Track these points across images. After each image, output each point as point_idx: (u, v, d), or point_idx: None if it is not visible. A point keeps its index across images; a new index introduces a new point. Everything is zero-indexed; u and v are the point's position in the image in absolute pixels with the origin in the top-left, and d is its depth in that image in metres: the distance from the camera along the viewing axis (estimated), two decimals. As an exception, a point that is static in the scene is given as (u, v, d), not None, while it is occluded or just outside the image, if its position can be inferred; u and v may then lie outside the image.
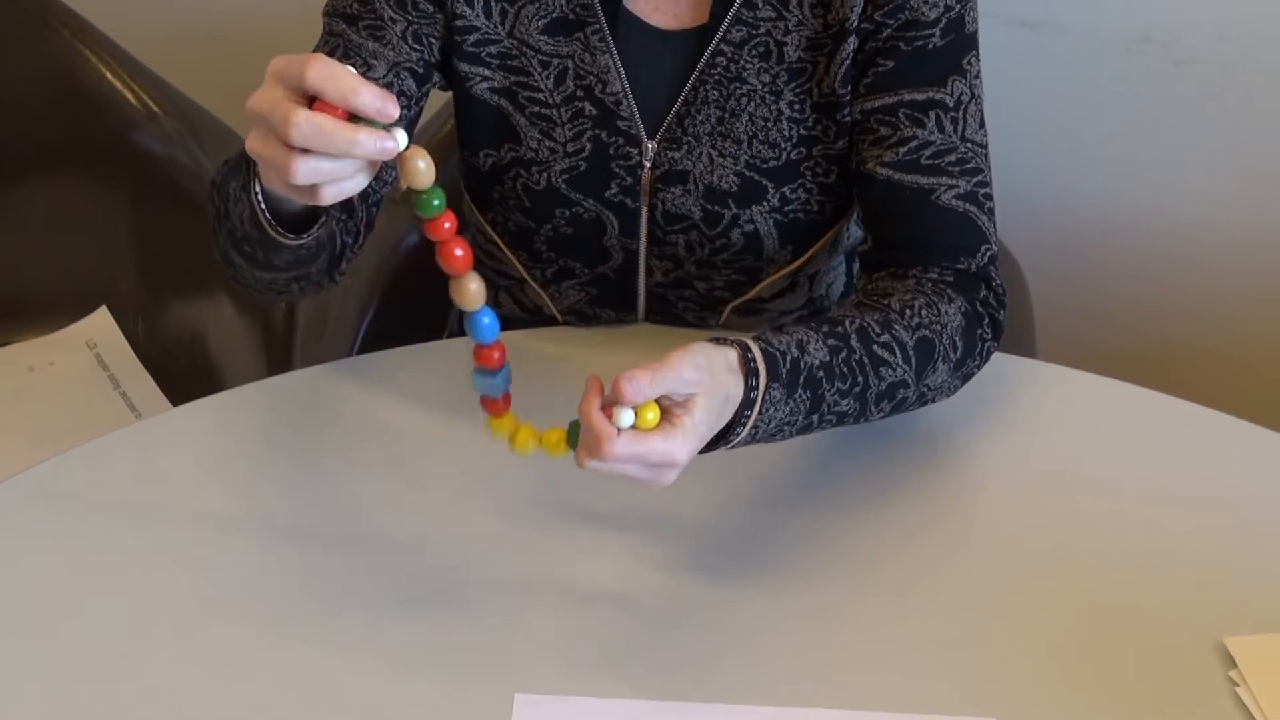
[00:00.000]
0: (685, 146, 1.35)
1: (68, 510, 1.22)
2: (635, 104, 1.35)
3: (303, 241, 1.17)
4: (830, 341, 1.20)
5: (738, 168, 1.35)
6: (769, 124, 1.34)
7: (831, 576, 1.18)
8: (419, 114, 1.37)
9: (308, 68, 0.97)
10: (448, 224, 1.04)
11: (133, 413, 1.81)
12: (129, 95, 1.85)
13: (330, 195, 1.02)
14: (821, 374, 1.18)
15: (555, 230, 1.40)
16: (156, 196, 1.85)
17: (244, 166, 1.17)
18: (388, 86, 1.30)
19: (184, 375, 1.83)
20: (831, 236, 1.42)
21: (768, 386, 1.14)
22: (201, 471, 1.26)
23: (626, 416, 1.05)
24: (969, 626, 1.15)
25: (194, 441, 1.30)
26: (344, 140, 0.98)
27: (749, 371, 1.13)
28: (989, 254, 1.31)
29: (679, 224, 1.38)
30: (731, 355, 1.13)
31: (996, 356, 1.37)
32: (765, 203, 1.36)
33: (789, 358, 1.16)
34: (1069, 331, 2.11)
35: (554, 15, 1.34)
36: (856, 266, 1.54)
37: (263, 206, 1.15)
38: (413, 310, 1.65)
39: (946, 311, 1.26)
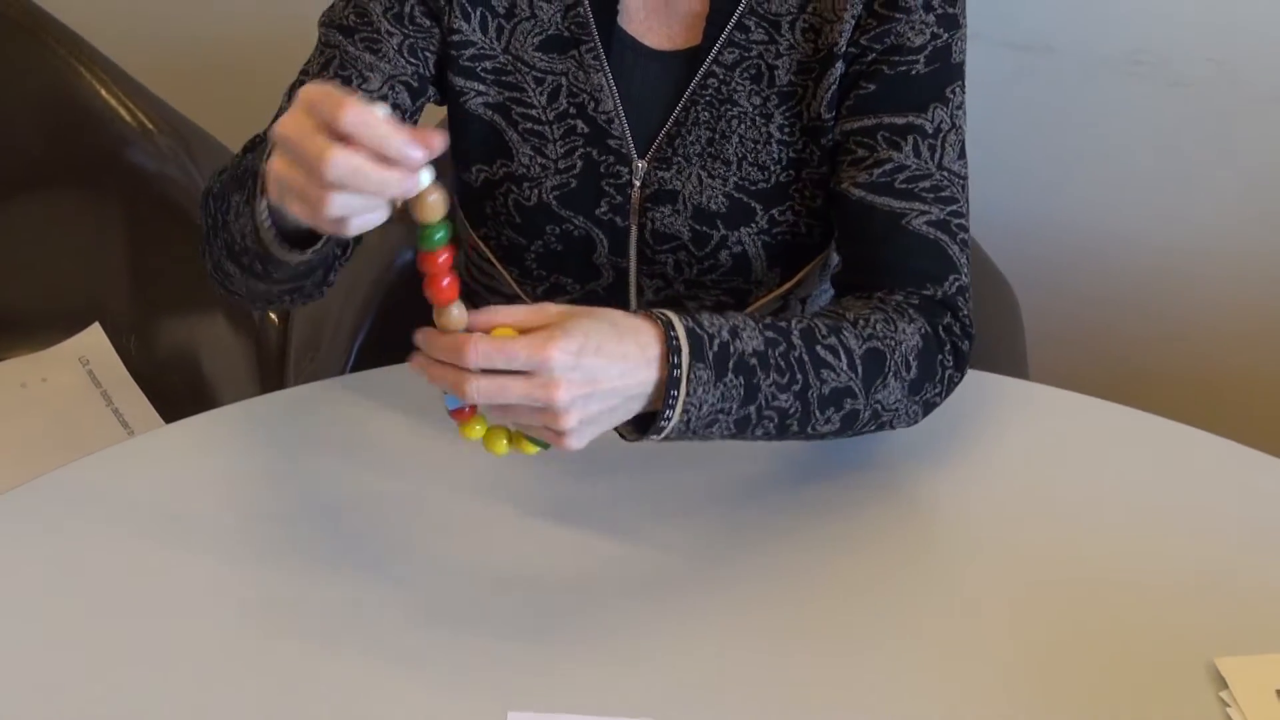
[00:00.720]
0: (675, 166, 1.36)
1: (60, 527, 1.22)
2: (627, 123, 1.35)
3: (305, 258, 1.19)
4: (768, 334, 1.18)
5: (726, 189, 1.36)
6: (759, 146, 1.35)
7: (828, 598, 1.18)
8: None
9: (343, 112, 0.98)
10: (443, 257, 1.05)
11: (125, 430, 1.80)
12: (123, 111, 1.85)
13: (357, 227, 1.04)
14: (755, 362, 1.16)
15: (546, 247, 1.40)
16: (150, 213, 1.85)
17: (249, 180, 1.18)
18: (383, 99, 1.32)
19: (177, 392, 1.83)
20: (821, 260, 1.42)
21: (692, 365, 1.12)
22: (194, 488, 1.27)
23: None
24: (957, 648, 1.14)
25: (187, 458, 1.30)
26: (378, 181, 0.99)
27: (670, 348, 1.12)
28: (957, 284, 1.30)
29: (668, 244, 1.38)
30: (635, 316, 1.12)
31: (987, 377, 1.37)
32: (754, 224, 1.37)
33: (717, 340, 1.14)
34: (1061, 353, 2.11)
35: (549, 33, 1.35)
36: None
37: (269, 223, 1.17)
38: (407, 328, 1.62)
39: (904, 329, 1.24)
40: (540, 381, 1.06)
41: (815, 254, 1.41)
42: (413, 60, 1.34)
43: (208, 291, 1.77)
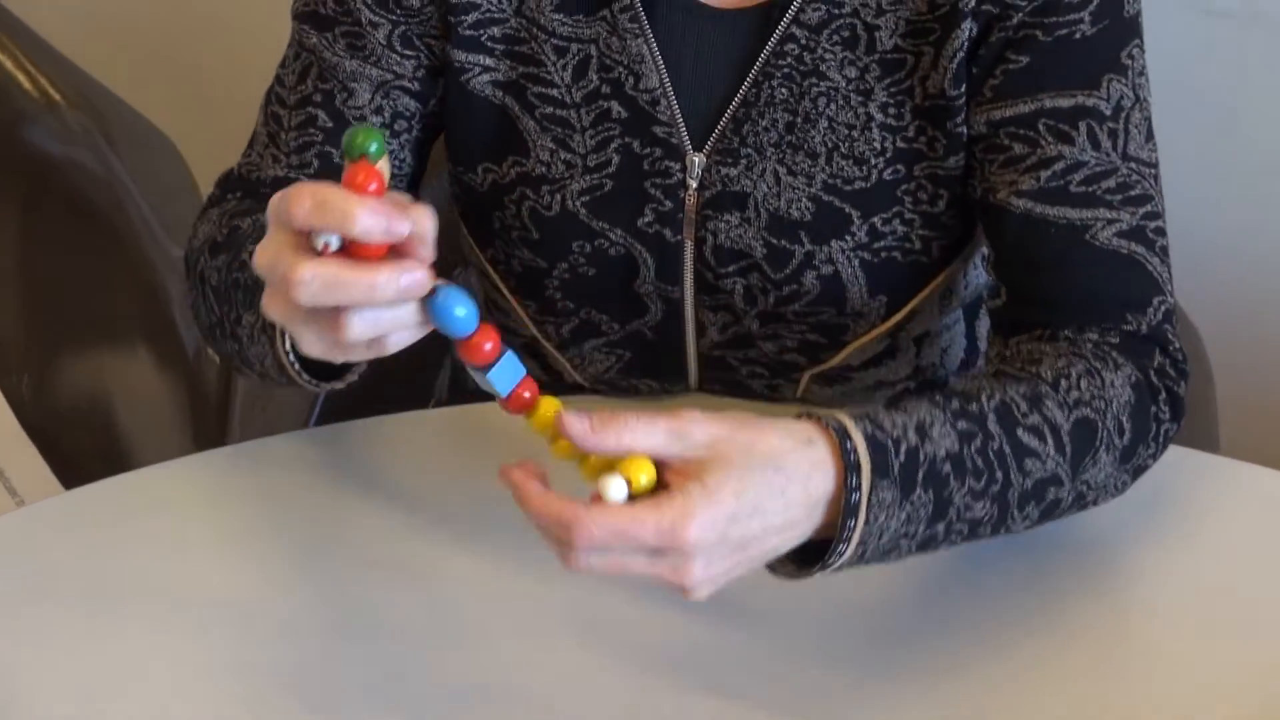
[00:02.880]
0: (744, 161, 1.36)
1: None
2: (678, 104, 1.36)
3: (342, 386, 1.22)
4: (961, 424, 1.18)
5: (813, 190, 1.36)
6: (855, 133, 1.35)
7: (993, 697, 1.19)
8: (433, 133, 1.42)
9: (292, 204, 1.00)
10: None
11: (13, 498, 1.82)
12: (22, 78, 1.86)
13: (395, 344, 1.06)
14: (948, 469, 1.16)
15: (572, 271, 1.41)
16: (52, 211, 1.86)
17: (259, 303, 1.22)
18: (376, 112, 1.37)
19: (82, 450, 1.84)
20: (942, 283, 1.43)
21: (874, 486, 1.11)
22: (100, 573, 1.27)
23: (617, 487, 1.05)
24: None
25: (91, 535, 1.30)
26: (363, 288, 1.00)
27: (847, 465, 1.11)
28: (1164, 308, 1.31)
29: (735, 263, 1.38)
30: (799, 429, 1.11)
31: (1170, 450, 1.35)
32: (849, 237, 1.37)
33: (904, 446, 1.14)
34: (1263, 419, 2.10)
35: (573, -13, 1.36)
36: (983, 326, 1.55)
37: (294, 361, 1.20)
38: (389, 370, 1.63)
39: (1112, 382, 1.25)
40: (671, 564, 1.06)
41: (931, 276, 1.41)
42: (408, 53, 1.38)
43: (125, 317, 1.81)
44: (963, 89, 1.33)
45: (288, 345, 1.19)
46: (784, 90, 1.35)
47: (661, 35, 1.35)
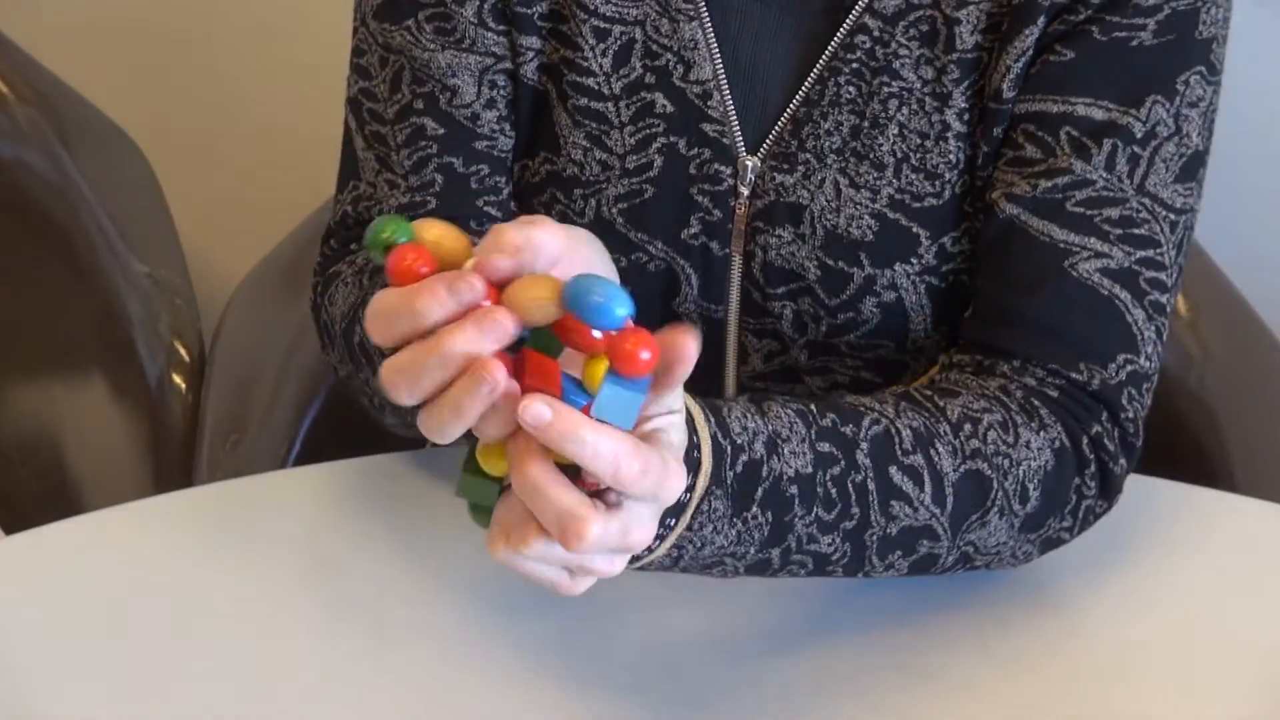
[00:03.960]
0: (801, 168, 1.34)
1: None
2: (732, 100, 1.34)
3: None
4: (824, 446, 1.18)
5: (877, 205, 1.34)
6: (928, 143, 1.33)
7: None
8: None
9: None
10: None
11: (-53, 543, 1.82)
12: None
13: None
14: (794, 491, 1.16)
15: None
16: None
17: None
18: (488, 106, 1.36)
19: (26, 490, 1.85)
20: None
21: (707, 492, 1.12)
22: (45, 629, 1.26)
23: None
24: None
25: (35, 585, 1.30)
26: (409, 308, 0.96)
27: (689, 459, 1.10)
28: (1130, 369, 1.29)
29: (786, 284, 1.36)
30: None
31: (1244, 504, 1.36)
32: (916, 259, 1.35)
33: (744, 457, 1.14)
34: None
35: (620, -39, 1.35)
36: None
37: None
38: None
39: (1028, 442, 1.25)
40: (641, 515, 1.00)
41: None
42: (503, 28, 1.36)
43: (78, 340, 1.86)
44: (1015, 94, 1.33)
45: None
46: (851, 89, 1.34)
47: (718, 20, 1.35)
